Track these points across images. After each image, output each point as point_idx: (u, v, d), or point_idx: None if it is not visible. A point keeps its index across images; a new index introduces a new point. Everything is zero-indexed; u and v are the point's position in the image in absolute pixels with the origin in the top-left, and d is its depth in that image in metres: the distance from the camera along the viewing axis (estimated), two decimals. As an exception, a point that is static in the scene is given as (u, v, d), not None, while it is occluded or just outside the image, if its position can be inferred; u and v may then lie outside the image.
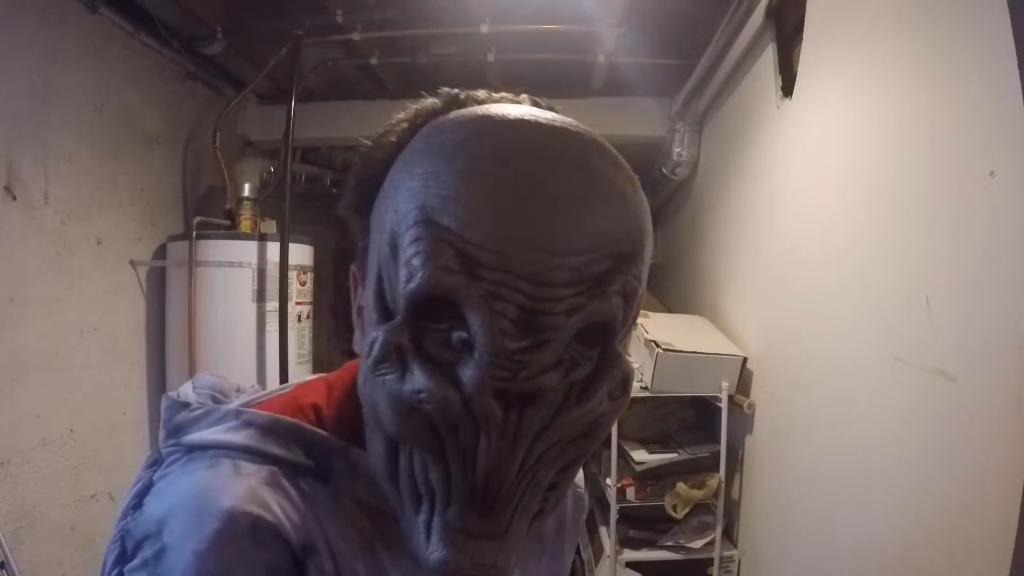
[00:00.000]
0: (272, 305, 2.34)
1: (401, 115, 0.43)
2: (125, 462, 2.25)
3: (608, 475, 2.08)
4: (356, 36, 2.28)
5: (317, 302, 2.77)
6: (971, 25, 0.98)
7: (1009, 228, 0.90)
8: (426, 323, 0.35)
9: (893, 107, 1.22)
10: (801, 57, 1.65)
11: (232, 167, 2.56)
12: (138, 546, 0.38)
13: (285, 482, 0.41)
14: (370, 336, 0.37)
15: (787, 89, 1.77)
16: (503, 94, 0.43)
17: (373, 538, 0.43)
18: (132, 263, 2.29)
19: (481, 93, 0.43)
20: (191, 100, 2.61)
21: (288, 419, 0.44)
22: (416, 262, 0.34)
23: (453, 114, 0.40)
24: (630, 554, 2.07)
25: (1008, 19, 0.88)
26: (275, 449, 0.42)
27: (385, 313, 0.37)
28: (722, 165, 2.39)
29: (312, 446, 0.43)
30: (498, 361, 0.33)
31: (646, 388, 2.00)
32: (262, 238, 2.39)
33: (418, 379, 0.34)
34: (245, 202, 2.56)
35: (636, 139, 2.89)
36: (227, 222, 2.50)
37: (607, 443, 2.06)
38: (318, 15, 2.27)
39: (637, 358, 2.14)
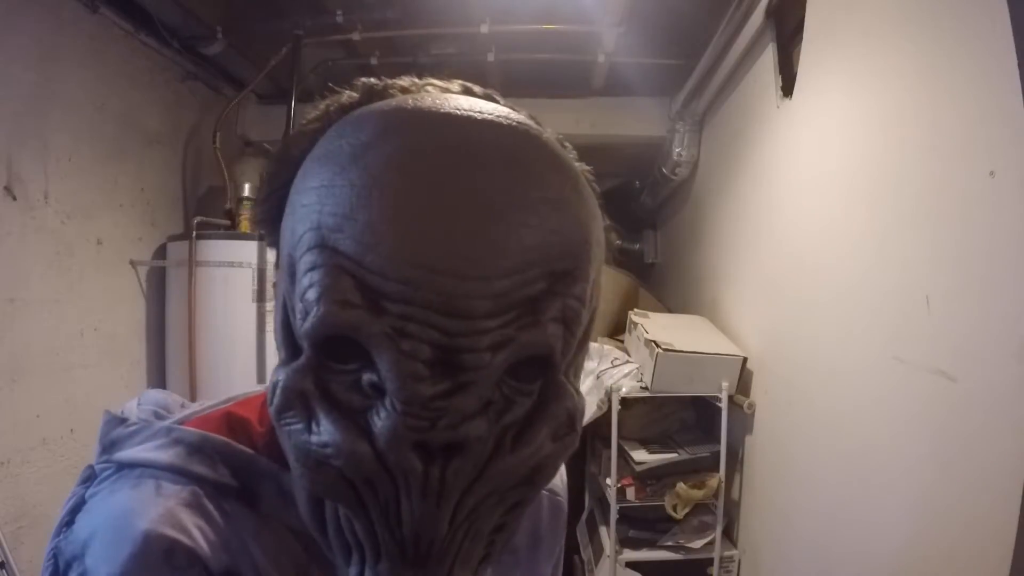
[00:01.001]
0: (272, 305, 2.34)
1: (314, 112, 0.38)
2: (125, 462, 2.26)
3: (608, 475, 2.08)
4: (356, 36, 2.28)
5: (317, 302, 2.77)
6: (971, 25, 0.98)
7: (1009, 228, 0.90)
8: (332, 363, 0.31)
9: (893, 107, 1.22)
10: (801, 57, 1.65)
11: (232, 167, 2.56)
12: (67, 566, 0.37)
13: (208, 504, 0.38)
14: (273, 376, 0.32)
15: (787, 89, 1.77)
16: (430, 80, 0.37)
17: (308, 565, 0.40)
18: (132, 263, 2.29)
19: (405, 80, 0.38)
20: (191, 100, 2.61)
21: (218, 437, 0.41)
22: (311, 295, 0.29)
23: (359, 111, 0.34)
24: (630, 554, 2.07)
25: (1008, 19, 0.88)
26: (200, 469, 0.39)
27: (293, 349, 0.33)
28: (722, 165, 2.39)
29: (241, 467, 0.40)
30: (412, 410, 0.29)
31: (646, 388, 2.00)
32: (262, 238, 2.38)
33: (324, 431, 0.30)
34: (245, 202, 2.56)
35: (636, 139, 2.90)
36: (227, 222, 2.50)
37: (607, 443, 2.06)
38: (318, 15, 2.27)
39: (637, 358, 2.14)
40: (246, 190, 2.58)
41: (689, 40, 2.25)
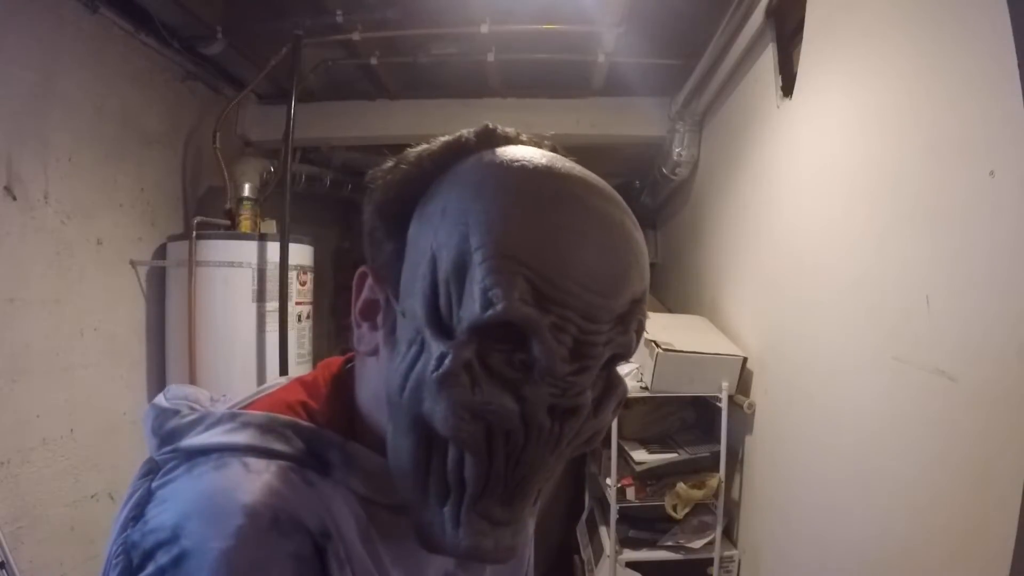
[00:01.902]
0: (272, 305, 2.34)
1: (436, 143, 0.47)
2: (125, 462, 2.25)
3: (608, 475, 2.08)
4: (356, 36, 2.28)
5: (317, 302, 2.77)
6: (971, 25, 0.98)
7: (1009, 228, 0.90)
8: (490, 342, 0.39)
9: (893, 107, 1.22)
10: (801, 57, 1.65)
11: (232, 167, 2.56)
12: (148, 556, 0.37)
13: (293, 475, 0.43)
14: (435, 349, 0.40)
15: (787, 89, 1.77)
16: (524, 136, 0.49)
17: (368, 527, 0.45)
18: (132, 263, 2.29)
19: (510, 131, 0.49)
20: (191, 100, 2.61)
21: (284, 416, 0.46)
22: (496, 292, 0.37)
23: (510, 153, 0.44)
24: (630, 554, 2.07)
25: (1008, 19, 0.88)
26: (277, 445, 0.44)
27: (440, 327, 0.40)
28: (722, 165, 2.39)
29: (309, 441, 0.45)
30: (554, 382, 0.39)
31: (646, 388, 2.00)
32: (262, 238, 2.39)
33: (488, 392, 0.39)
34: (245, 202, 2.57)
35: (636, 139, 2.90)
36: (227, 222, 2.50)
37: (607, 443, 2.06)
38: (318, 15, 2.26)
39: (637, 358, 2.14)
40: (246, 190, 2.58)
41: (689, 40, 2.24)
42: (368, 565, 0.44)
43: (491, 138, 0.47)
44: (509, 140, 0.48)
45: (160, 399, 0.49)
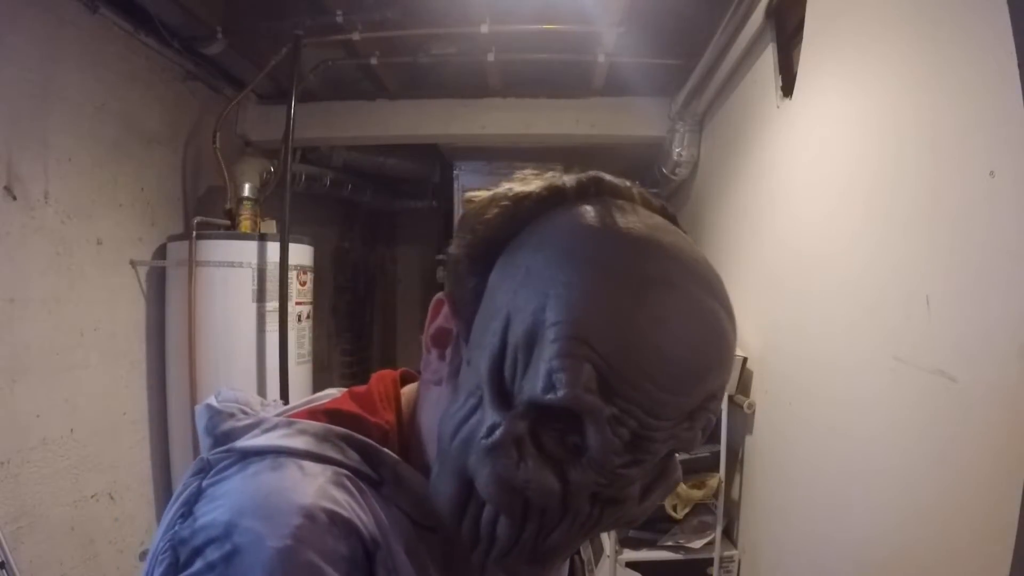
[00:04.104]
0: (272, 305, 2.34)
1: (534, 184, 0.45)
2: (125, 462, 2.26)
3: (608, 475, 2.08)
4: (356, 36, 2.28)
5: (317, 302, 2.77)
6: (971, 25, 0.98)
7: (1009, 228, 0.90)
8: (545, 418, 0.38)
9: (893, 107, 1.22)
10: (801, 57, 1.65)
11: (232, 167, 2.56)
12: (197, 552, 0.37)
13: (348, 483, 0.43)
14: (489, 416, 0.39)
15: (787, 89, 1.77)
16: (634, 189, 0.45)
17: (418, 545, 0.45)
18: (132, 263, 2.29)
19: (618, 183, 0.45)
20: (191, 100, 2.61)
21: (340, 428, 0.46)
22: (561, 377, 0.36)
23: (610, 219, 0.41)
24: (630, 554, 2.07)
25: (1008, 19, 0.88)
26: (332, 453, 0.44)
27: (501, 392, 0.39)
28: (722, 165, 2.39)
29: (363, 454, 0.46)
30: (603, 474, 0.39)
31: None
32: (262, 238, 2.39)
33: (532, 471, 0.38)
34: (245, 202, 2.57)
35: (636, 139, 2.90)
36: (227, 222, 2.51)
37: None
38: (318, 15, 2.27)
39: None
40: (246, 190, 2.58)
41: (689, 40, 2.25)
42: None
43: (597, 188, 0.44)
44: (616, 193, 0.45)
45: (211, 400, 0.49)
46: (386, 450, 0.46)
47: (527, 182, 0.45)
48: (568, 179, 0.45)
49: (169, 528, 0.40)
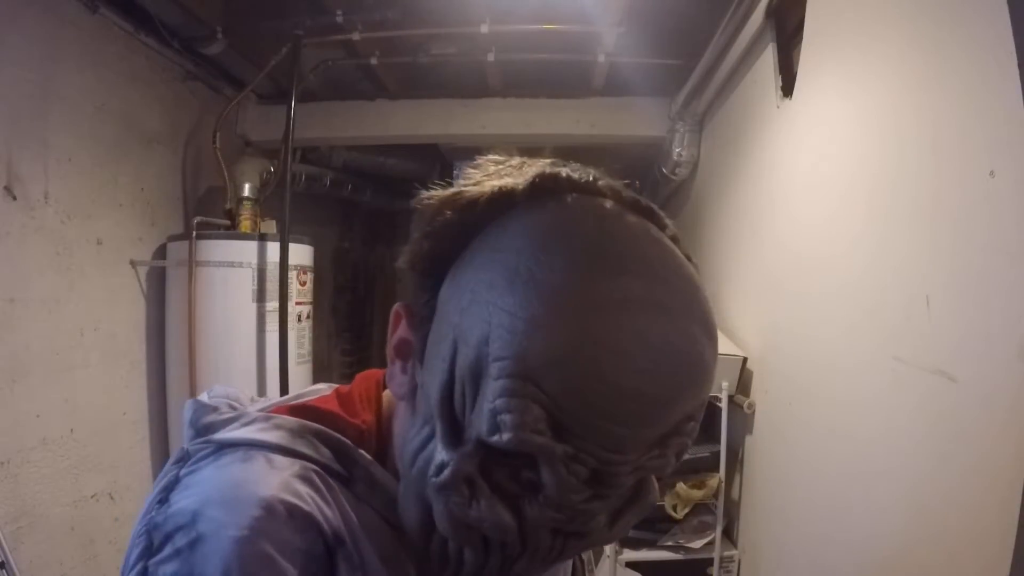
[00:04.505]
0: (272, 305, 2.34)
1: (485, 187, 0.40)
2: (125, 462, 2.26)
3: (608, 475, 2.08)
4: (356, 36, 2.28)
5: (317, 302, 2.77)
6: (971, 25, 0.98)
7: (1009, 228, 0.90)
8: (496, 455, 0.36)
9: (893, 107, 1.22)
10: (801, 57, 1.65)
11: (232, 167, 2.56)
12: (167, 538, 0.39)
13: (315, 478, 0.43)
14: (438, 454, 0.38)
15: (787, 89, 1.77)
16: (600, 180, 0.41)
17: (398, 548, 0.45)
18: (132, 263, 2.29)
19: (575, 175, 0.40)
20: (191, 100, 2.61)
21: (314, 425, 0.46)
22: (507, 419, 0.34)
23: (559, 225, 0.37)
24: (630, 554, 2.07)
25: (1008, 19, 0.88)
26: (304, 449, 0.44)
27: (452, 424, 0.38)
28: (722, 165, 2.39)
29: (336, 452, 0.46)
30: (561, 510, 0.37)
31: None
32: (262, 238, 2.39)
33: (484, 510, 0.37)
34: (245, 202, 2.57)
35: (636, 139, 2.90)
36: (227, 222, 2.51)
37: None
38: (318, 15, 2.27)
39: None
40: (246, 190, 2.58)
41: (689, 40, 2.24)
42: None
43: (554, 184, 0.40)
44: (578, 188, 0.40)
45: (203, 396, 0.50)
46: (360, 451, 0.46)
47: (480, 182, 0.41)
48: (521, 178, 0.40)
49: (147, 513, 0.41)
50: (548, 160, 0.42)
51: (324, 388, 0.53)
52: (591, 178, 0.41)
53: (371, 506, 0.45)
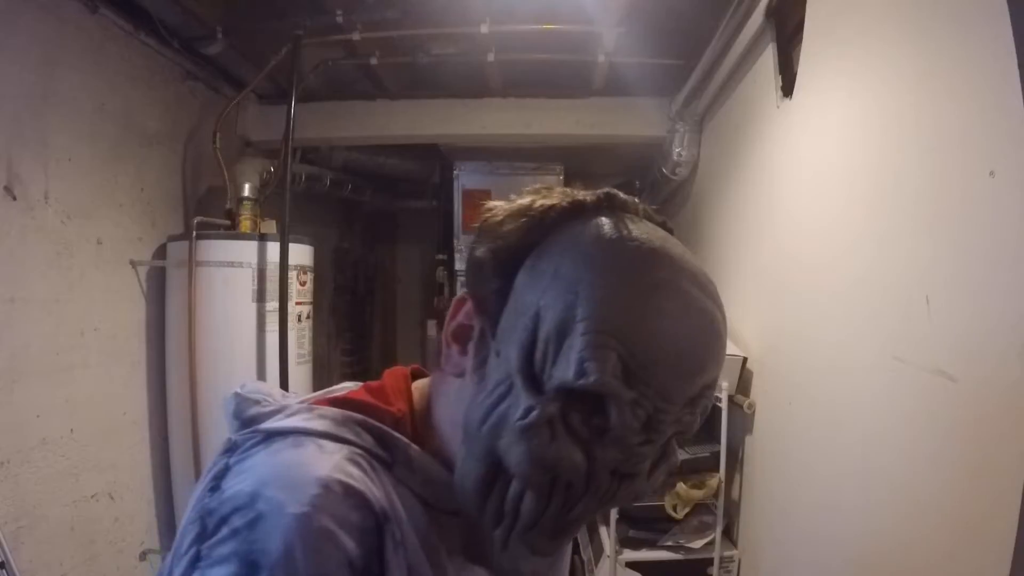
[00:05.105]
0: (272, 305, 2.34)
1: (556, 197, 0.49)
2: (125, 462, 2.26)
3: (608, 475, 2.08)
4: (356, 36, 2.28)
5: (317, 302, 2.77)
6: (971, 25, 0.98)
7: (1009, 228, 0.90)
8: (573, 403, 0.43)
9: (893, 107, 1.22)
10: (801, 57, 1.65)
11: (232, 167, 2.56)
12: (223, 520, 0.41)
13: (362, 461, 0.47)
14: (523, 400, 0.44)
15: (787, 89, 1.77)
16: (641, 207, 0.51)
17: (429, 528, 0.49)
18: (132, 263, 2.29)
19: (629, 200, 0.50)
20: (191, 100, 2.61)
21: (355, 414, 0.50)
22: (592, 365, 0.41)
23: (627, 230, 0.47)
24: (630, 554, 2.07)
25: (1008, 19, 0.88)
26: (349, 435, 0.48)
27: (531, 379, 0.44)
28: (722, 165, 2.39)
29: (378, 438, 0.50)
30: (622, 449, 0.44)
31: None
32: (262, 238, 2.39)
33: (563, 448, 0.43)
34: (245, 202, 2.56)
35: (636, 139, 2.90)
36: (227, 222, 2.50)
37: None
38: (318, 15, 2.26)
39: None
40: (246, 190, 2.58)
41: (689, 40, 2.24)
42: (420, 556, 0.47)
43: (610, 203, 0.50)
44: (627, 208, 0.50)
45: (239, 389, 0.53)
46: (398, 434, 0.50)
47: (548, 195, 0.50)
48: (587, 194, 0.50)
49: (199, 501, 0.43)
50: (595, 190, 0.51)
51: (352, 385, 0.58)
52: (635, 201, 0.51)
53: (409, 488, 0.49)
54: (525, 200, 0.50)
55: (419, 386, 0.57)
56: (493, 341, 0.48)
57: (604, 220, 0.47)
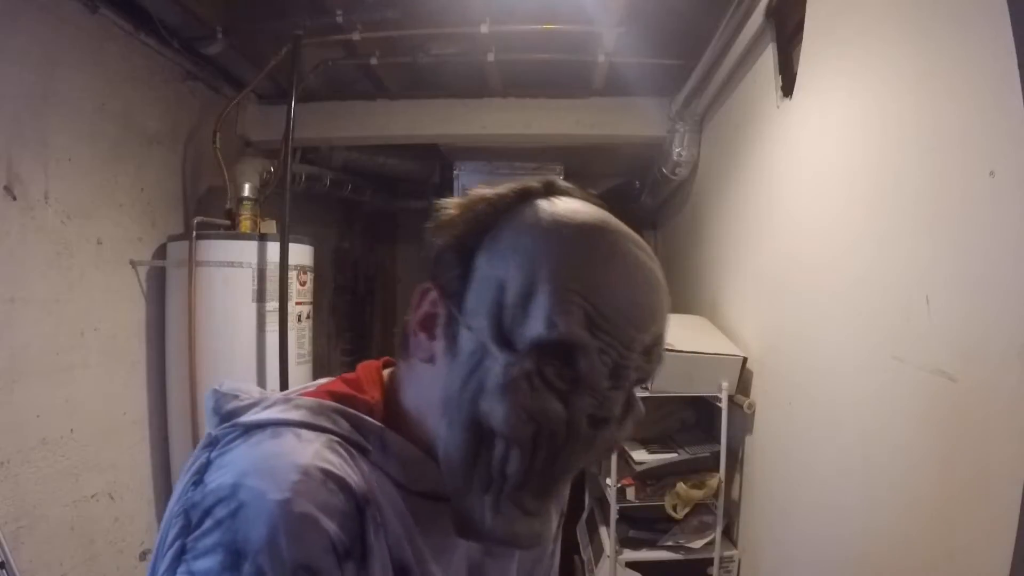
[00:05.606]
0: (272, 305, 2.34)
1: (506, 189, 0.54)
2: (125, 462, 2.26)
3: (608, 475, 2.08)
4: (356, 36, 2.28)
5: (317, 302, 2.77)
6: (971, 25, 0.98)
7: (1009, 228, 0.90)
8: (546, 358, 0.46)
9: (893, 107, 1.22)
10: (801, 57, 1.65)
11: (232, 167, 2.56)
12: (207, 513, 0.42)
13: (339, 448, 0.48)
14: (501, 359, 0.47)
15: (787, 89, 1.77)
16: (577, 191, 0.55)
17: (404, 508, 0.51)
18: (132, 263, 2.29)
19: (567, 184, 0.55)
20: (191, 100, 2.61)
21: (330, 403, 0.52)
22: (560, 319, 0.45)
23: (572, 207, 0.52)
24: (630, 554, 2.07)
25: (1008, 19, 0.88)
26: (326, 424, 0.50)
27: (504, 341, 0.47)
28: (722, 165, 2.39)
29: (354, 424, 0.51)
30: (595, 395, 0.47)
31: (646, 388, 2.00)
32: (262, 238, 2.39)
33: (543, 398, 0.46)
34: (245, 202, 2.56)
35: (636, 139, 2.90)
36: (227, 222, 2.50)
37: (607, 443, 2.06)
38: (318, 15, 2.26)
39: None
40: (246, 190, 2.58)
41: (689, 40, 2.24)
42: (400, 538, 0.49)
43: (553, 189, 0.54)
44: (568, 192, 0.55)
45: (217, 387, 0.55)
46: (372, 419, 0.52)
47: (496, 187, 0.54)
48: (532, 181, 0.54)
49: (182, 496, 0.44)
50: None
51: (327, 380, 0.59)
52: (573, 186, 0.56)
53: (385, 472, 0.51)
54: (476, 194, 0.54)
55: (389, 375, 0.60)
56: (462, 318, 0.50)
57: (552, 201, 0.52)
